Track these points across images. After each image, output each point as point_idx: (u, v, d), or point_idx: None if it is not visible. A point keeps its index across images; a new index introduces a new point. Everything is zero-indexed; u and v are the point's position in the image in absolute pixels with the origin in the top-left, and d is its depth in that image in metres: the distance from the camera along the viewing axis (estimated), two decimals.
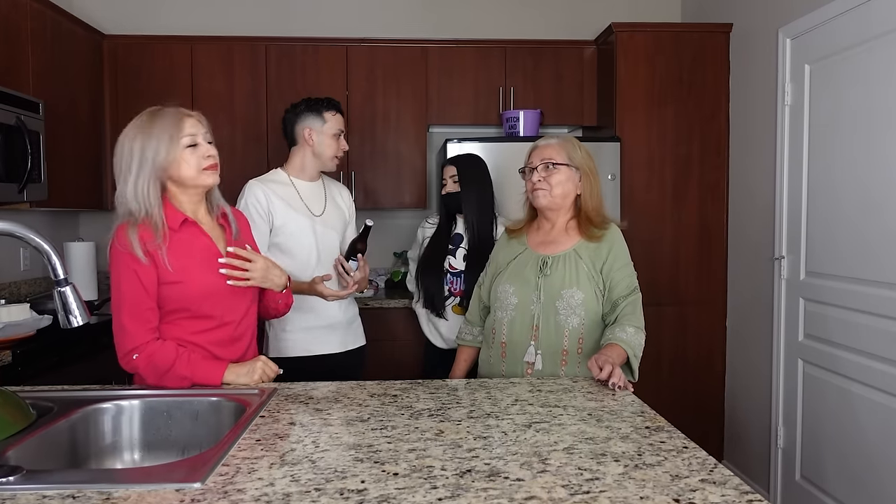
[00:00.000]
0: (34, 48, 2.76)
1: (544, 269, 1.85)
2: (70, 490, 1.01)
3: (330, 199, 2.34)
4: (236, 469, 1.09)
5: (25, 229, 1.26)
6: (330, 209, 2.31)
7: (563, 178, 1.84)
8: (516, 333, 1.86)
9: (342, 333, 2.30)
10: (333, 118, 2.26)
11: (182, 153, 1.55)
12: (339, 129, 2.28)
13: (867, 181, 2.40)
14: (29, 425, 1.28)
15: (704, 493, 1.01)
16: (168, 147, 1.54)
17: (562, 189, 1.85)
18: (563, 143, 1.87)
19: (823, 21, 2.62)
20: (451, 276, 2.55)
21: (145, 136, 1.53)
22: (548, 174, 1.84)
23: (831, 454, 2.59)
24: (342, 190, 2.45)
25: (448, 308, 2.57)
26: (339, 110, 2.29)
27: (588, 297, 1.81)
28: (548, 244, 1.89)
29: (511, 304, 1.87)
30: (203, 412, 1.48)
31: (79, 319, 1.30)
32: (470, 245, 2.53)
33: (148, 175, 1.52)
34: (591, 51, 3.60)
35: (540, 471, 1.08)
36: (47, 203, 2.80)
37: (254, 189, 2.18)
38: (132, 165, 1.53)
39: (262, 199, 2.16)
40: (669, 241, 3.36)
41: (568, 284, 1.81)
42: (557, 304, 1.81)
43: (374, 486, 1.02)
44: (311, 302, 2.21)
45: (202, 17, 3.71)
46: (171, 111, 1.57)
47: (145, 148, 1.53)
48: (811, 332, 2.74)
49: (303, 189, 2.27)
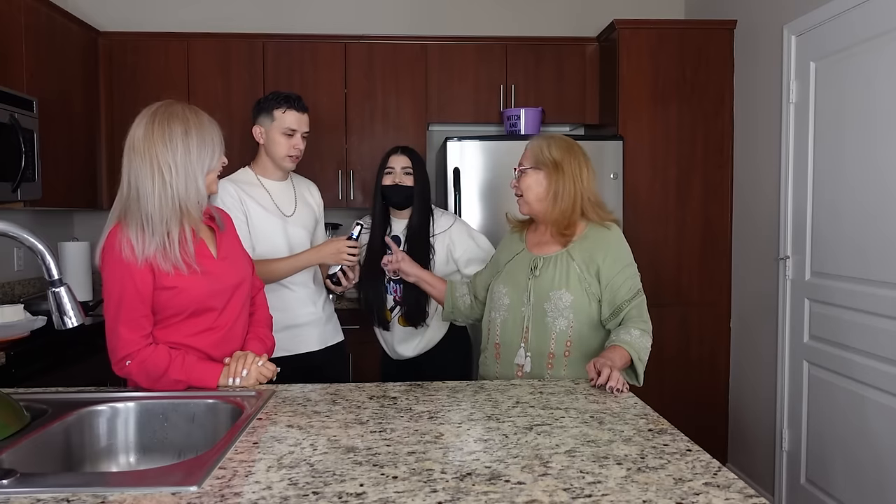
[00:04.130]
0: (28, 45, 2.74)
1: (534, 270, 1.82)
2: (65, 494, 1.00)
3: (300, 198, 2.30)
4: (233, 472, 1.08)
5: (19, 229, 1.25)
6: (300, 208, 2.28)
7: (531, 182, 1.81)
8: (508, 335, 1.84)
9: (320, 331, 2.28)
10: (284, 115, 2.15)
11: (220, 156, 1.55)
12: (291, 127, 2.16)
13: (873, 180, 2.38)
14: (23, 428, 1.27)
15: (708, 496, 1.00)
16: (221, 148, 1.53)
17: (532, 193, 1.81)
18: (534, 145, 1.84)
19: (829, 18, 2.60)
20: (394, 284, 2.33)
21: (201, 131, 1.50)
22: (519, 179, 1.84)
23: (837, 457, 2.57)
24: (311, 187, 2.41)
25: (394, 319, 2.36)
26: (293, 107, 2.17)
27: (577, 299, 1.77)
28: (542, 245, 1.86)
29: (504, 304, 1.85)
30: (199, 415, 1.46)
31: (73, 320, 1.29)
32: (408, 247, 2.30)
33: (204, 171, 1.50)
34: (594, 48, 3.58)
35: (541, 474, 1.07)
36: (41, 202, 2.78)
37: (227, 187, 2.12)
38: (191, 159, 1.48)
39: (237, 196, 2.13)
40: (673, 241, 3.34)
41: (556, 286, 1.78)
42: (545, 305, 1.78)
43: (373, 489, 1.01)
44: (288, 301, 2.20)
45: (198, 13, 3.69)
46: (209, 118, 1.55)
47: (202, 145, 1.49)
48: (816, 334, 2.72)
49: (272, 189, 2.23)
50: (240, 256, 1.69)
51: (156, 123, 1.48)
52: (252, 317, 1.74)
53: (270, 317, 1.82)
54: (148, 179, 1.46)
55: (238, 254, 1.69)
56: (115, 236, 1.48)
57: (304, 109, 2.21)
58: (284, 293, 2.20)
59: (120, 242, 1.46)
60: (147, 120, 1.49)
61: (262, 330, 1.74)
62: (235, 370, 1.55)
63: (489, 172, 3.16)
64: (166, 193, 1.46)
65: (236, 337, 1.65)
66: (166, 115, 1.49)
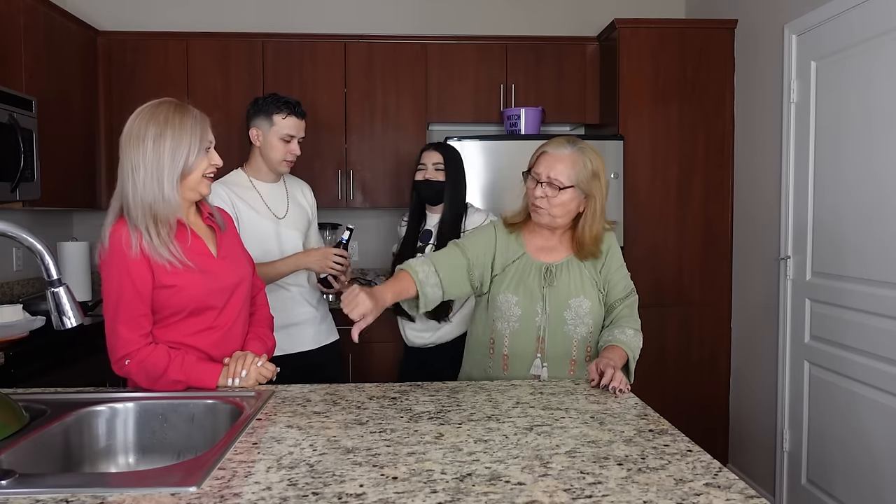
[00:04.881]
0: (27, 44, 2.74)
1: (548, 277, 1.77)
2: (63, 494, 0.99)
3: (292, 200, 2.30)
4: (232, 473, 1.08)
5: (18, 229, 1.24)
6: (293, 210, 2.28)
7: (566, 200, 1.70)
8: (520, 346, 1.79)
9: (315, 330, 2.29)
10: (283, 121, 2.16)
11: (201, 159, 1.52)
12: (289, 133, 2.17)
13: (874, 180, 2.37)
14: (22, 428, 1.27)
15: (709, 497, 0.99)
16: (197, 151, 1.50)
17: (565, 210, 1.73)
18: (573, 160, 1.69)
19: (830, 17, 2.59)
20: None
21: (177, 134, 1.48)
22: (552, 194, 1.70)
23: (838, 458, 2.57)
24: (304, 188, 2.40)
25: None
26: (293, 113, 2.17)
27: (594, 303, 1.77)
28: (548, 250, 1.80)
29: (514, 315, 1.78)
30: (199, 415, 1.46)
31: (72, 321, 1.28)
32: (438, 242, 2.32)
33: (176, 176, 1.48)
34: (594, 47, 3.57)
35: (541, 475, 1.07)
36: (40, 202, 2.77)
37: (217, 191, 2.10)
38: (161, 163, 1.46)
39: (227, 200, 2.12)
40: (673, 241, 3.34)
41: (575, 293, 1.76)
42: (565, 314, 1.76)
43: (373, 490, 1.01)
44: (284, 301, 2.20)
45: (198, 13, 3.69)
46: (195, 112, 1.53)
47: (177, 148, 1.48)
48: (817, 334, 2.72)
49: (264, 191, 2.23)
50: (240, 256, 1.69)
51: (135, 123, 1.49)
52: (253, 316, 1.74)
53: (271, 317, 1.82)
54: (127, 178, 1.47)
55: (239, 253, 1.69)
56: (113, 234, 1.48)
57: (303, 115, 2.22)
58: (280, 292, 2.20)
59: (117, 240, 1.46)
60: (132, 118, 1.50)
61: (263, 330, 1.74)
62: (235, 370, 1.55)
63: (489, 172, 3.16)
64: (135, 193, 1.46)
65: (236, 336, 1.65)
66: (147, 116, 1.48)
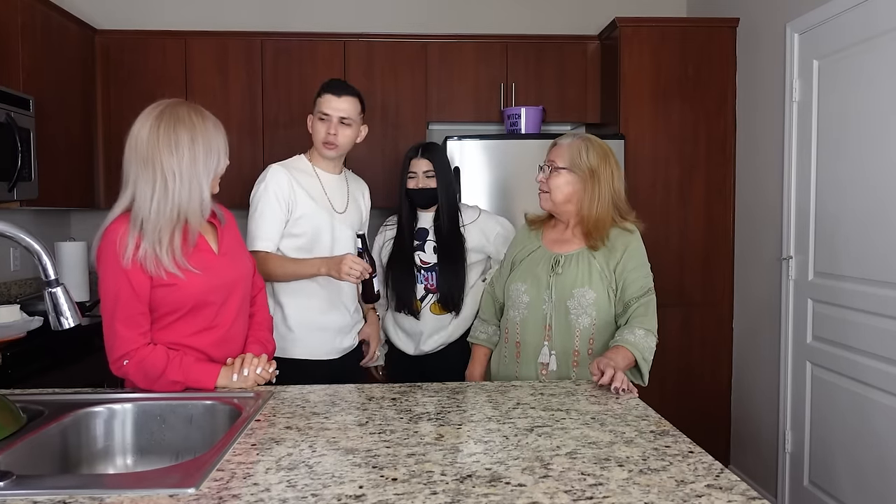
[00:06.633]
0: (24, 43, 2.72)
1: (556, 267, 1.83)
2: (61, 496, 0.99)
3: (352, 197, 2.25)
4: (231, 474, 1.07)
5: (16, 228, 1.23)
6: (351, 207, 2.23)
7: (561, 183, 1.81)
8: (529, 333, 1.84)
9: (343, 338, 2.22)
10: (320, 100, 2.09)
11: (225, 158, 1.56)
12: (323, 111, 2.08)
13: (877, 179, 2.36)
14: (19, 429, 1.26)
15: (711, 498, 0.99)
16: (226, 151, 1.54)
17: (561, 193, 1.82)
18: (571, 146, 1.82)
19: (832, 16, 2.58)
20: (425, 272, 2.34)
21: (207, 137, 1.48)
22: (549, 177, 1.83)
23: (841, 459, 2.56)
24: (364, 189, 2.37)
25: (426, 308, 2.35)
26: (334, 92, 2.08)
27: (600, 296, 1.79)
28: (562, 242, 1.88)
29: (523, 302, 1.85)
30: (197, 416, 1.45)
31: (70, 321, 1.27)
32: (438, 236, 2.34)
33: (210, 178, 1.50)
34: (595, 46, 3.56)
35: (542, 476, 1.07)
36: (38, 202, 2.76)
37: (277, 174, 2.05)
38: (198, 168, 1.46)
39: (286, 185, 2.05)
40: (675, 241, 3.33)
41: (580, 283, 1.80)
42: (569, 303, 1.80)
43: (373, 491, 1.01)
44: (333, 305, 2.14)
45: (196, 11, 3.68)
46: (207, 111, 1.54)
47: (209, 150, 1.48)
48: (820, 334, 2.71)
49: (326, 181, 2.16)
50: (240, 253, 1.68)
51: (161, 127, 1.44)
52: (252, 318, 1.73)
53: (270, 318, 1.81)
54: (148, 185, 1.44)
55: (239, 250, 1.68)
56: (110, 234, 1.46)
57: (341, 92, 2.09)
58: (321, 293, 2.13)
59: (115, 240, 1.45)
60: (152, 122, 1.46)
61: (263, 333, 1.73)
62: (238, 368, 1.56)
63: (490, 171, 3.15)
64: (165, 201, 1.44)
65: (236, 336, 1.64)
66: (172, 119, 1.45)
